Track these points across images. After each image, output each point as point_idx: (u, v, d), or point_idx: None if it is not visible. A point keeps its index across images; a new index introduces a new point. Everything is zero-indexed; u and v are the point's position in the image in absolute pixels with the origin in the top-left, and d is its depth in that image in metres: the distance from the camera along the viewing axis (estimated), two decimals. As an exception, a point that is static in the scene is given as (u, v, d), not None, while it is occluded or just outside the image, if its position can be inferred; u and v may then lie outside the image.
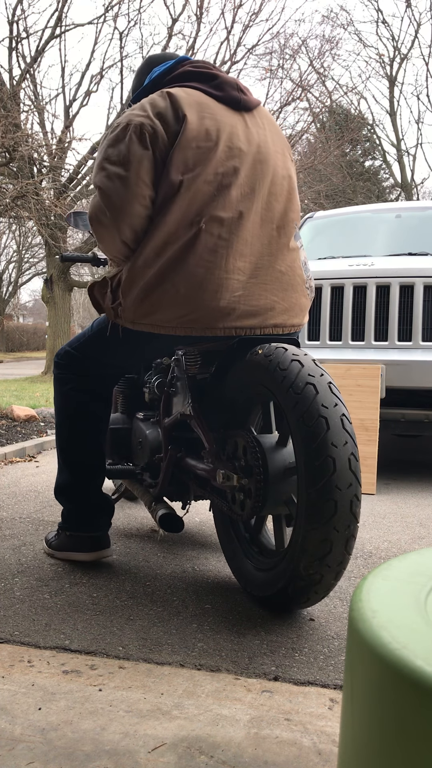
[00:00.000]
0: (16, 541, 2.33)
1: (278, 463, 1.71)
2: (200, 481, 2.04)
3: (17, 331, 30.14)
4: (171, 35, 13.47)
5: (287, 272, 1.85)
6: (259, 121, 1.89)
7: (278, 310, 1.83)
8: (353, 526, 1.54)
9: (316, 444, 1.52)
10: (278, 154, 1.88)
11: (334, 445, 1.52)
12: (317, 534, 1.51)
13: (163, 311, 1.77)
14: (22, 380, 12.02)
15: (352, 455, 1.54)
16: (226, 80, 1.86)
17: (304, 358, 1.66)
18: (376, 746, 0.63)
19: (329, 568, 1.56)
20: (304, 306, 1.92)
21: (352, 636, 0.71)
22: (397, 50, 19.90)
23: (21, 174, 11.10)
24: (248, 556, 1.87)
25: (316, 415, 1.54)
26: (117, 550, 2.27)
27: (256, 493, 1.70)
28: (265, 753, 1.11)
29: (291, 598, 1.63)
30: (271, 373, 1.65)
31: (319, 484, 1.50)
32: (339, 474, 1.51)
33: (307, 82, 16.53)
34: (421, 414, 3.56)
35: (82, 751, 1.11)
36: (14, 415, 5.49)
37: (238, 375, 1.84)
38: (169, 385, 2.15)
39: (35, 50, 12.76)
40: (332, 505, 1.50)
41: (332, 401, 1.57)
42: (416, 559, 0.86)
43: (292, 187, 1.91)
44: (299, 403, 1.56)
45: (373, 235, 4.55)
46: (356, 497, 1.53)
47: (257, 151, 1.83)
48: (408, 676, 0.59)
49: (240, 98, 1.84)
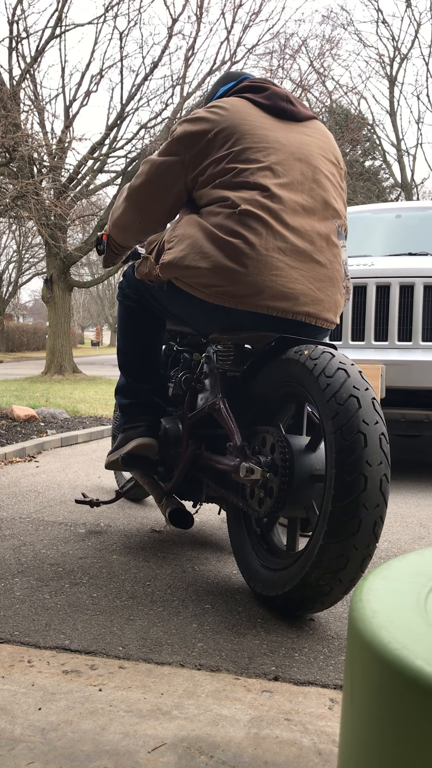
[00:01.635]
0: (16, 541, 2.33)
1: (305, 467, 1.69)
2: (218, 477, 2.04)
3: (17, 331, 30.14)
4: (171, 35, 13.47)
5: (326, 264, 1.87)
6: (306, 129, 2.00)
7: (311, 299, 1.83)
8: (372, 546, 1.52)
9: (351, 459, 1.48)
10: (321, 157, 1.96)
11: (368, 463, 1.48)
12: (335, 549, 1.49)
13: (197, 274, 1.84)
14: (22, 380, 12.02)
15: (385, 476, 1.51)
16: (276, 92, 2.00)
17: (351, 368, 1.62)
18: (376, 746, 0.63)
19: (341, 582, 1.54)
20: (338, 303, 1.92)
21: (352, 636, 0.71)
22: (397, 50, 19.89)
23: (21, 174, 11.10)
24: (257, 554, 1.86)
25: (356, 430, 1.50)
26: (117, 550, 2.28)
27: (278, 493, 1.68)
28: (265, 753, 1.11)
29: (296, 604, 1.62)
30: (315, 378, 1.61)
31: (346, 501, 1.47)
32: (369, 493, 1.48)
33: (307, 82, 16.54)
34: (421, 414, 3.56)
35: (82, 751, 1.11)
36: (14, 415, 5.49)
37: (275, 373, 1.81)
38: (197, 381, 2.17)
39: (35, 50, 12.78)
40: (356, 523, 1.48)
41: (374, 418, 1.53)
42: (416, 559, 0.86)
43: (334, 187, 1.96)
44: (340, 415, 1.52)
45: (373, 235, 4.55)
46: (381, 518, 1.51)
47: (298, 150, 1.92)
48: (408, 676, 0.59)
49: (287, 108, 1.98)
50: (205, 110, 1.96)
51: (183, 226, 1.92)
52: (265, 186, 1.82)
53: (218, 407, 1.98)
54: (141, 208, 2.07)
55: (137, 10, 16.82)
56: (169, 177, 1.97)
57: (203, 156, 1.91)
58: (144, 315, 2.26)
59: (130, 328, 2.30)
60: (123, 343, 2.33)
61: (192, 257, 1.84)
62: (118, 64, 15.03)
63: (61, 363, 14.05)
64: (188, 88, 14.15)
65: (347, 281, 1.97)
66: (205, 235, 1.84)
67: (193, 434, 2.14)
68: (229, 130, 1.89)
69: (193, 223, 1.89)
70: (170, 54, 17.57)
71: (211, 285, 1.82)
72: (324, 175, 1.93)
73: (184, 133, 1.94)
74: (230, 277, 1.79)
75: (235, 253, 1.78)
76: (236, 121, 1.90)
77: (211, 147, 1.90)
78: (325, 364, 1.61)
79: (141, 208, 2.07)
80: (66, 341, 14.33)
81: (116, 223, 2.17)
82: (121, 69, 13.89)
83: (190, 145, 1.92)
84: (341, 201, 1.98)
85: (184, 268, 1.86)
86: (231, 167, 1.86)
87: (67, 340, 14.37)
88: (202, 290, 1.85)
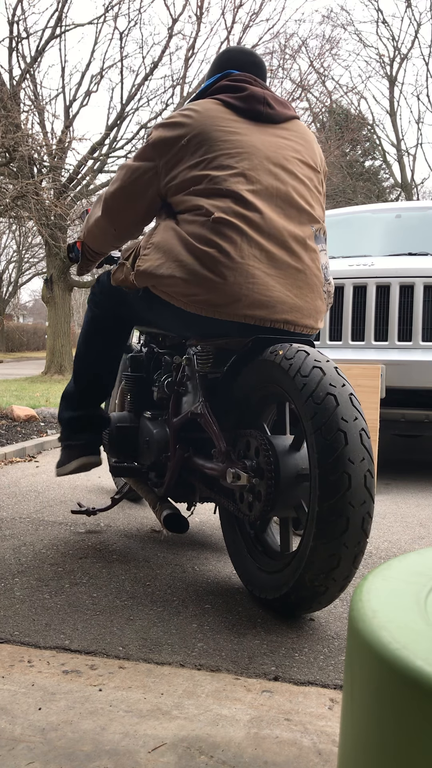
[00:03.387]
0: (16, 541, 2.33)
1: (291, 467, 1.68)
2: (208, 481, 2.04)
3: (17, 331, 30.15)
4: (171, 35, 13.47)
5: (304, 270, 1.85)
6: (284, 132, 1.97)
7: (290, 306, 1.81)
8: (363, 543, 1.52)
9: (333, 458, 1.48)
10: (296, 161, 1.94)
11: (351, 461, 1.48)
12: (326, 549, 1.49)
13: (174, 283, 1.83)
14: (22, 380, 12.02)
15: (368, 471, 1.50)
16: (253, 93, 1.96)
17: (326, 365, 1.61)
18: (376, 746, 0.63)
19: (335, 581, 1.54)
20: (319, 309, 1.90)
21: (352, 636, 0.71)
22: (397, 50, 19.91)
23: (21, 174, 11.10)
24: (253, 557, 1.85)
25: (335, 429, 1.49)
26: (117, 550, 2.28)
27: (266, 496, 1.67)
28: (265, 753, 1.11)
29: (293, 605, 1.62)
30: (291, 378, 1.60)
31: (332, 500, 1.48)
32: (354, 491, 1.48)
33: (307, 82, 16.54)
34: (421, 414, 3.56)
35: (82, 751, 1.11)
36: (14, 415, 5.49)
37: (254, 374, 1.81)
38: (179, 384, 2.14)
39: (35, 50, 12.78)
40: (344, 522, 1.48)
41: (352, 414, 1.52)
42: (416, 559, 0.86)
43: (310, 192, 1.94)
44: (318, 414, 1.52)
45: (373, 235, 4.55)
46: (369, 514, 1.51)
47: (273, 155, 1.90)
48: (408, 676, 0.59)
49: (263, 111, 1.95)
50: (180, 115, 1.95)
51: (159, 233, 1.91)
52: (238, 193, 1.81)
53: (201, 411, 1.97)
54: (116, 213, 2.06)
55: (137, 10, 16.84)
56: (142, 182, 1.97)
57: (176, 162, 1.90)
58: (112, 325, 2.25)
59: (95, 336, 2.28)
60: (84, 349, 2.30)
61: (168, 265, 1.83)
62: (118, 64, 15.02)
63: (61, 363, 14.05)
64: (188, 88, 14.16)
65: (328, 285, 1.95)
66: (181, 243, 1.82)
67: (180, 438, 2.11)
68: (202, 136, 1.88)
69: (170, 230, 1.88)
70: (170, 54, 17.60)
71: (187, 294, 1.81)
72: (299, 179, 1.92)
73: (158, 139, 1.93)
74: (206, 286, 1.78)
75: (211, 262, 1.78)
76: (209, 127, 1.88)
77: (184, 153, 1.89)
78: (300, 364, 1.61)
79: (116, 213, 2.06)
80: (66, 341, 14.33)
81: (91, 229, 2.16)
82: (121, 69, 13.91)
83: (164, 151, 1.92)
84: (318, 205, 1.97)
85: (159, 276, 1.85)
86: (204, 174, 1.84)
87: (67, 340, 14.36)
88: (180, 299, 1.83)
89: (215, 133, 1.88)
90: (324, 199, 2.04)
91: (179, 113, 1.96)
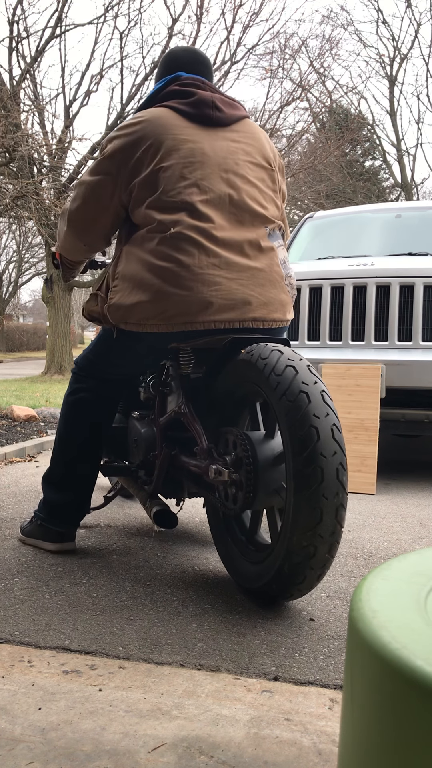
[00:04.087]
0: (16, 541, 2.33)
1: (266, 452, 1.76)
2: (194, 477, 2.08)
3: (17, 331, 30.14)
4: (171, 35, 13.46)
5: (263, 269, 1.91)
6: (234, 134, 2.00)
7: (256, 305, 1.88)
8: (338, 533, 1.61)
9: (306, 453, 1.56)
10: (247, 163, 1.98)
11: (323, 455, 1.57)
12: (302, 539, 1.58)
13: (144, 309, 1.88)
14: (22, 380, 12.02)
15: (341, 465, 1.59)
16: (201, 98, 1.98)
17: (299, 363, 1.68)
18: (376, 746, 0.63)
19: (312, 570, 1.61)
20: (284, 301, 1.96)
21: (352, 636, 0.71)
22: (397, 50, 19.91)
23: (21, 174, 11.10)
24: (242, 552, 1.89)
25: (307, 425, 1.58)
26: (117, 550, 2.28)
27: (247, 483, 1.73)
28: (265, 753, 1.11)
29: (288, 578, 1.64)
30: (266, 377, 1.68)
31: (306, 492, 1.56)
32: (327, 483, 1.57)
33: (307, 82, 16.53)
34: (421, 414, 3.56)
35: (82, 751, 1.11)
36: (14, 415, 5.49)
37: (231, 374, 1.87)
38: (164, 385, 2.18)
39: (35, 50, 12.75)
40: (318, 513, 1.57)
41: (324, 411, 1.61)
42: (416, 559, 0.86)
43: (263, 194, 1.98)
44: (291, 412, 1.60)
45: (373, 235, 4.55)
46: (342, 505, 1.60)
47: (224, 161, 1.94)
48: (408, 676, 0.59)
49: (212, 115, 1.98)
50: (131, 124, 1.96)
51: (123, 262, 1.95)
52: (192, 205, 1.86)
53: (183, 411, 2.02)
54: (82, 230, 2.08)
55: (137, 10, 16.83)
56: (104, 197, 1.98)
57: (133, 174, 1.93)
58: (95, 406, 2.19)
59: (81, 417, 2.19)
60: (67, 432, 2.19)
61: (135, 293, 1.89)
62: (118, 64, 15.04)
63: (61, 363, 14.05)
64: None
65: (289, 279, 2.00)
66: (143, 267, 1.88)
67: (167, 437, 2.16)
68: (155, 147, 1.90)
69: (131, 255, 1.93)
70: (170, 54, 17.51)
71: (157, 313, 1.86)
72: (251, 183, 1.96)
73: (115, 150, 1.95)
74: (173, 300, 1.84)
75: (173, 277, 1.83)
76: (161, 136, 1.91)
77: (140, 165, 1.92)
78: (274, 363, 1.68)
79: (82, 230, 2.08)
80: (66, 341, 14.33)
81: (63, 244, 2.19)
82: (121, 69, 13.90)
83: (122, 162, 1.94)
84: (272, 204, 2.00)
85: (129, 306, 1.89)
86: (158, 186, 1.88)
87: (67, 340, 14.37)
88: (151, 323, 1.88)
89: (167, 142, 1.91)
90: (281, 194, 2.07)
91: (130, 123, 1.97)
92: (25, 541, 2.29)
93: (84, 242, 2.12)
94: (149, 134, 1.92)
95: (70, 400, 2.21)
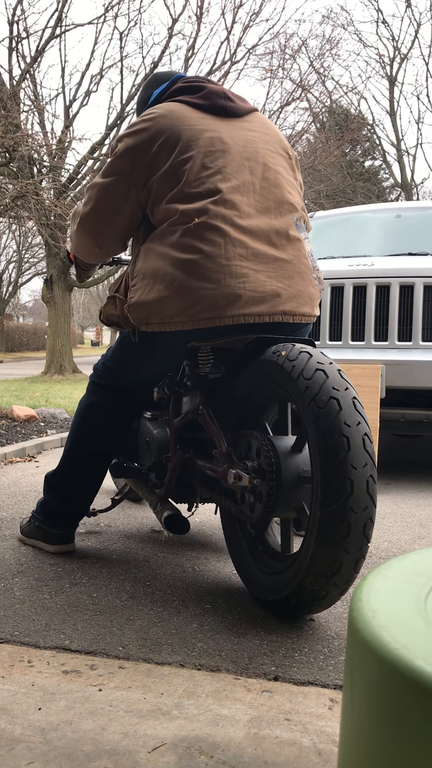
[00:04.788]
0: (16, 541, 2.33)
1: (292, 468, 1.67)
2: (208, 482, 2.03)
3: (17, 331, 30.13)
4: (171, 35, 13.46)
5: (291, 260, 1.83)
6: (248, 125, 1.96)
7: (285, 297, 1.80)
8: (365, 548, 1.51)
9: (336, 464, 1.46)
10: (268, 151, 1.92)
11: (353, 466, 1.46)
12: (327, 554, 1.48)
13: (168, 306, 1.78)
14: (22, 380, 12.02)
15: (371, 477, 1.49)
16: (212, 90, 1.95)
17: (329, 367, 1.59)
18: (376, 746, 0.63)
19: (336, 586, 1.54)
20: (313, 295, 1.88)
21: (352, 636, 0.71)
22: (397, 50, 19.91)
23: (21, 174, 11.10)
24: (254, 557, 1.85)
25: (338, 434, 1.47)
26: (117, 550, 2.28)
27: (267, 497, 1.66)
28: (265, 753, 1.11)
29: (293, 607, 1.62)
30: (294, 380, 1.59)
31: (334, 506, 1.46)
32: (356, 497, 1.46)
33: (307, 82, 16.53)
34: (421, 414, 3.56)
35: (82, 751, 1.11)
36: (14, 415, 5.49)
37: (255, 374, 1.79)
38: (180, 385, 2.11)
39: (35, 50, 12.77)
40: (346, 527, 1.46)
41: (355, 419, 1.51)
42: (416, 559, 0.86)
43: (286, 181, 1.92)
44: (321, 419, 1.50)
45: (373, 235, 4.55)
46: (370, 519, 1.49)
47: (245, 149, 1.88)
48: (408, 676, 0.59)
49: (226, 106, 1.94)
50: (143, 121, 1.90)
51: (141, 260, 1.87)
52: (216, 192, 1.79)
53: (201, 412, 1.95)
54: (95, 234, 2.01)
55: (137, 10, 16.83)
56: (118, 198, 1.92)
57: (151, 170, 1.86)
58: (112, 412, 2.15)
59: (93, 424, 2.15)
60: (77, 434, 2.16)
61: (157, 289, 1.79)
62: (118, 64, 15.02)
63: (61, 363, 14.05)
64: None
65: (317, 272, 1.94)
66: (164, 262, 1.79)
67: (181, 439, 2.09)
68: (173, 140, 1.84)
69: (150, 252, 1.85)
70: (170, 54, 17.55)
71: (182, 309, 1.77)
72: (274, 170, 1.90)
73: (128, 149, 1.89)
74: (199, 295, 1.75)
75: (197, 269, 1.74)
76: (178, 129, 1.85)
77: (157, 160, 1.85)
78: (303, 366, 1.58)
79: (95, 234, 2.01)
80: (66, 341, 14.33)
81: (77, 246, 2.12)
82: (121, 69, 13.88)
83: (136, 161, 1.88)
84: (296, 193, 1.94)
85: (152, 303, 1.80)
86: (180, 178, 1.82)
87: (67, 340, 14.37)
88: (176, 320, 1.79)
89: (186, 132, 1.85)
90: (299, 185, 2.02)
91: (142, 119, 1.91)
92: (24, 541, 2.28)
93: (99, 245, 2.05)
94: (164, 128, 1.86)
95: (85, 404, 2.17)
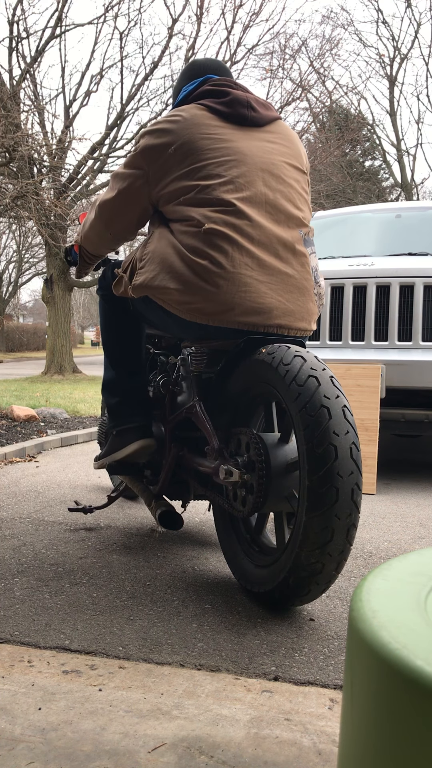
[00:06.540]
0: (16, 541, 2.33)
1: (280, 458, 1.73)
2: (202, 478, 2.07)
3: (17, 331, 30.13)
4: (171, 35, 13.46)
5: (294, 275, 1.87)
6: (269, 135, 1.98)
7: (282, 311, 1.85)
8: (354, 515, 1.56)
9: (319, 432, 1.53)
10: (284, 164, 1.95)
11: (336, 433, 1.54)
12: (318, 521, 1.53)
13: (169, 296, 1.86)
14: (22, 380, 12.02)
15: (354, 444, 1.56)
16: (237, 97, 1.97)
17: (306, 354, 1.67)
18: (376, 746, 0.63)
19: (330, 557, 1.57)
20: (311, 311, 1.93)
21: (352, 636, 0.71)
22: (397, 50, 19.90)
23: (21, 174, 11.10)
24: (248, 555, 1.88)
25: (318, 405, 1.56)
26: (117, 550, 2.28)
27: (258, 488, 1.71)
28: (265, 753, 1.11)
29: (292, 589, 1.63)
30: (275, 368, 1.66)
31: (321, 472, 1.52)
32: (341, 462, 1.53)
33: (307, 82, 16.53)
34: (421, 414, 3.56)
35: (82, 751, 1.11)
36: (14, 415, 5.49)
37: (243, 374, 1.85)
38: (174, 384, 2.18)
39: (35, 50, 12.76)
40: (334, 492, 1.52)
41: (334, 393, 1.59)
42: (416, 559, 0.86)
43: (298, 195, 1.95)
44: (302, 395, 1.58)
45: (373, 235, 4.55)
46: (357, 486, 1.55)
47: (261, 160, 1.91)
48: (408, 676, 0.59)
49: (248, 115, 1.96)
50: (166, 121, 1.95)
51: (154, 242, 1.94)
52: (228, 202, 1.83)
53: (194, 410, 2.01)
54: (109, 220, 2.09)
55: (137, 10, 16.82)
56: (133, 190, 1.98)
57: (166, 171, 1.91)
58: (124, 316, 2.27)
59: (114, 319, 2.28)
60: (108, 336, 2.31)
61: (162, 277, 1.87)
62: (118, 64, 15.03)
63: (61, 363, 14.05)
64: (188, 88, 14.09)
65: (318, 288, 1.98)
66: (175, 253, 1.86)
67: (175, 437, 2.15)
68: (189, 145, 1.88)
69: (164, 239, 1.91)
70: (170, 54, 17.47)
71: (182, 302, 1.84)
72: (287, 183, 1.93)
73: (147, 147, 1.94)
74: (201, 295, 1.81)
75: (205, 273, 1.80)
76: (195, 136, 1.89)
77: (172, 162, 1.90)
78: (296, 371, 1.63)
79: (109, 220, 2.09)
80: (66, 341, 14.33)
81: (88, 234, 2.19)
82: (121, 69, 13.88)
83: (153, 160, 1.93)
84: (306, 207, 1.99)
85: (155, 288, 1.89)
86: (194, 184, 1.86)
87: (67, 340, 14.36)
88: (175, 306, 1.87)
89: (202, 141, 1.89)
90: (309, 199, 2.06)
91: (165, 120, 1.96)
92: (104, 463, 2.29)
93: (111, 231, 2.12)
94: (182, 133, 1.90)
95: (102, 305, 2.27)
